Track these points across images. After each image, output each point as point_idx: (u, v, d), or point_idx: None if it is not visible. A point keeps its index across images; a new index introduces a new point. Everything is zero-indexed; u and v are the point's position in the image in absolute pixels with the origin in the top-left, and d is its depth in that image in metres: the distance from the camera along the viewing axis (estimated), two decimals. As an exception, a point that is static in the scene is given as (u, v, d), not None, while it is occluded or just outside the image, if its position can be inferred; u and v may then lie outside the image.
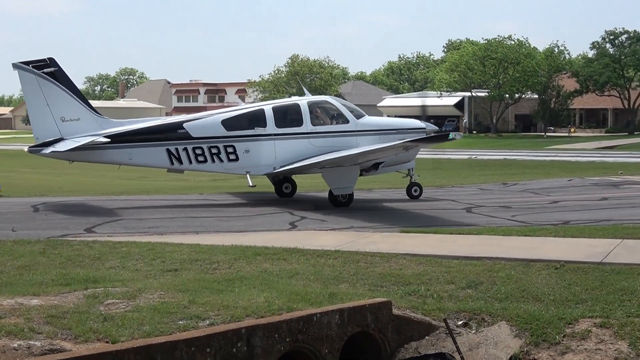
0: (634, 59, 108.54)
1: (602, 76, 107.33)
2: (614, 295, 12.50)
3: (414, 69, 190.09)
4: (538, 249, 16.02)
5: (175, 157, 25.58)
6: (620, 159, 52.68)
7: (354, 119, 26.97)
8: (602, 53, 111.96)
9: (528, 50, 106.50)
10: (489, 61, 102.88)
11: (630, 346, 10.93)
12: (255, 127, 26.22)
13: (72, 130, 25.01)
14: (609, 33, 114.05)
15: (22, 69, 24.93)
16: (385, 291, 12.89)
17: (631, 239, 17.03)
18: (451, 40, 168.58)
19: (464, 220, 21.45)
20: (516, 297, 12.61)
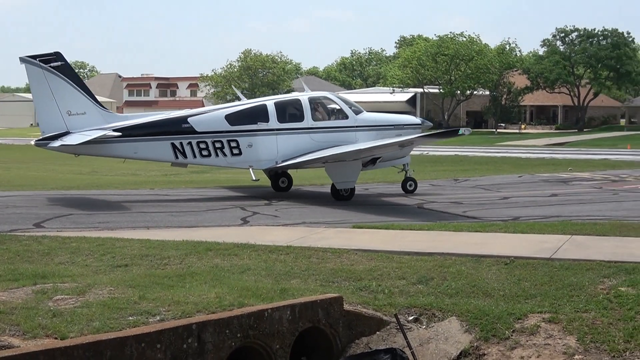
0: (583, 57, 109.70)
1: (553, 73, 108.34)
2: (562, 291, 12.63)
3: (366, 64, 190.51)
4: (488, 245, 16.13)
5: (179, 151, 25.96)
6: (570, 156, 53.21)
7: (353, 115, 27.53)
8: (552, 50, 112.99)
9: (480, 47, 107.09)
10: (441, 58, 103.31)
11: (579, 341, 11.05)
12: (258, 122, 26.68)
13: (78, 124, 25.22)
14: (560, 31, 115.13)
15: (29, 63, 25.07)
16: (336, 287, 12.91)
17: (580, 235, 17.22)
18: (403, 36, 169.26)
19: (416, 216, 21.56)
20: (466, 293, 12.70)
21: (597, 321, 11.46)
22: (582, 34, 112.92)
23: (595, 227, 18.24)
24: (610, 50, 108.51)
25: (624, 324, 11.34)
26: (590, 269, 13.76)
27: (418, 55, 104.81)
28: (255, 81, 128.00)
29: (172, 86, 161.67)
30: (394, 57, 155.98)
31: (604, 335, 11.11)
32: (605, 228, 18.15)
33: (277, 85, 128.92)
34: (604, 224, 19.04)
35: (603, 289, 12.73)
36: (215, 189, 29.00)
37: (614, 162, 47.06)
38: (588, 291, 12.59)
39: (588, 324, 11.39)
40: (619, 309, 11.82)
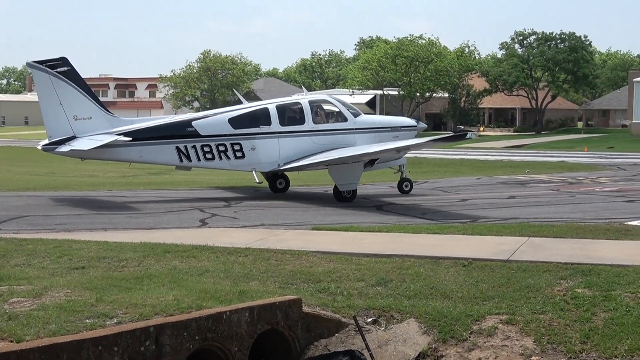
0: (541, 60, 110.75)
1: (511, 76, 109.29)
2: (520, 292, 12.71)
3: (326, 66, 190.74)
4: (447, 247, 16.20)
5: (184, 154, 26.28)
6: (528, 158, 53.67)
7: (352, 117, 28.07)
8: (511, 53, 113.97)
9: (439, 49, 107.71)
10: (400, 60, 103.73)
11: (535, 342, 11.13)
12: (261, 125, 27.08)
13: (85, 128, 25.47)
14: (518, 34, 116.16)
15: (36, 68, 25.32)
16: (295, 289, 12.88)
17: (537, 236, 17.35)
18: (363, 38, 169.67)
19: (375, 218, 21.61)
20: (425, 295, 12.73)
21: (554, 322, 11.55)
22: (540, 37, 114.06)
23: (552, 229, 18.38)
24: (568, 54, 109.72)
25: (581, 325, 11.44)
26: (548, 271, 13.86)
27: (378, 57, 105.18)
28: (214, 82, 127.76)
29: (130, 87, 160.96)
30: (353, 59, 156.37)
31: (561, 336, 11.19)
32: (562, 230, 18.31)
33: (237, 87, 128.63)
34: (561, 226, 19.21)
35: (560, 290, 12.83)
36: (174, 191, 28.87)
37: (571, 164, 47.50)
38: (545, 293, 12.68)
39: (545, 325, 11.47)
40: (575, 311, 11.92)
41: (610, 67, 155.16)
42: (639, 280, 13.06)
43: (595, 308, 11.95)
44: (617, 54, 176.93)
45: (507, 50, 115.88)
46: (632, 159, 54.78)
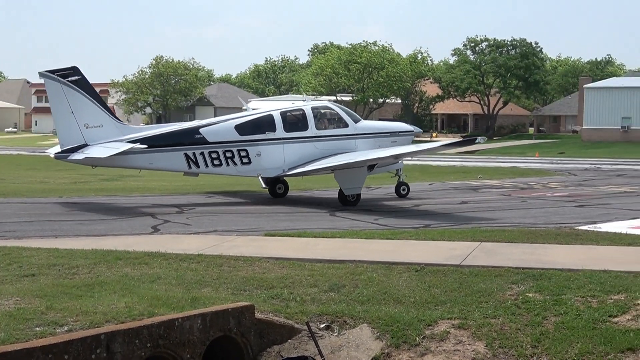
0: (493, 66, 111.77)
1: (464, 82, 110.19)
2: (471, 297, 12.79)
3: (280, 72, 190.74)
4: (399, 252, 16.26)
5: (192, 161, 26.65)
6: (480, 164, 54.06)
7: (353, 123, 28.79)
8: (463, 60, 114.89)
9: (392, 56, 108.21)
10: (353, 66, 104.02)
11: (487, 347, 11.20)
12: (266, 132, 27.59)
13: (95, 136, 25.78)
14: (470, 40, 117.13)
15: (48, 78, 25.58)
16: (248, 295, 12.85)
17: (489, 241, 17.48)
18: (317, 44, 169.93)
19: (328, 224, 21.62)
20: (378, 300, 12.76)
21: (506, 327, 11.63)
22: (492, 44, 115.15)
23: (504, 234, 18.54)
24: (519, 60, 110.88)
25: (532, 329, 11.53)
26: (499, 276, 13.97)
27: (331, 63, 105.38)
28: (167, 88, 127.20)
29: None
30: (307, 64, 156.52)
31: (512, 340, 11.27)
32: (513, 235, 18.47)
33: (190, 92, 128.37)
34: (512, 230, 19.37)
35: (511, 295, 12.93)
36: (125, 197, 28.62)
37: (522, 169, 47.96)
38: (497, 297, 12.77)
39: (496, 330, 11.55)
40: (526, 315, 12.01)
41: (561, 74, 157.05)
42: (589, 285, 13.21)
43: (546, 312, 12.06)
44: (568, 60, 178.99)
45: (459, 57, 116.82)
46: (582, 164, 55.45)
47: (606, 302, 12.41)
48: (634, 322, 11.66)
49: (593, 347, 10.90)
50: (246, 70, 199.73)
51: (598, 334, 11.25)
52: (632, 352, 10.81)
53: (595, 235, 18.63)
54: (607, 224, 20.99)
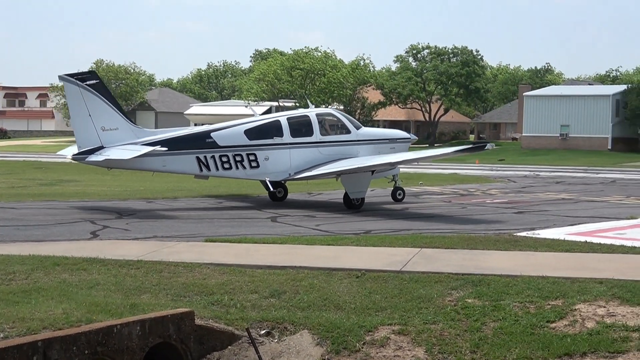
0: (434, 74, 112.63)
1: (405, 89, 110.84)
2: (412, 303, 12.85)
3: (222, 77, 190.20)
4: (340, 258, 16.29)
5: (204, 164, 27.47)
6: (421, 170, 54.27)
7: (355, 130, 29.86)
8: (405, 67, 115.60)
9: (334, 62, 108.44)
10: (296, 72, 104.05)
11: (427, 352, 11.26)
12: (274, 137, 28.49)
13: (112, 139, 26.51)
14: (412, 47, 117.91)
15: (67, 81, 26.38)
16: (188, 301, 12.77)
17: (429, 247, 17.58)
18: (259, 50, 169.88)
19: (269, 230, 21.59)
20: (318, 306, 12.76)
21: (445, 332, 11.71)
22: (434, 51, 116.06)
23: (444, 240, 18.66)
24: (460, 68, 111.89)
25: (471, 335, 11.62)
26: (439, 282, 14.06)
27: (273, 69, 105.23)
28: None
29: (20, 96, 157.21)
30: (249, 70, 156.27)
31: (452, 346, 11.35)
32: (453, 241, 18.60)
33: (130, 97, 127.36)
34: (452, 237, 19.51)
35: (451, 300, 13.02)
36: (64, 202, 28.29)
37: (462, 176, 48.31)
38: (436, 303, 12.85)
39: (436, 335, 11.61)
40: (466, 320, 12.11)
41: (501, 82, 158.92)
42: (527, 290, 13.35)
43: (485, 318, 12.16)
44: (507, 68, 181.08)
45: (401, 64, 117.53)
46: (521, 171, 56.08)
47: (544, 307, 12.56)
48: (571, 328, 11.82)
49: (531, 353, 11.02)
50: (188, 75, 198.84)
51: (536, 340, 11.38)
52: (569, 357, 10.95)
53: (534, 242, 18.84)
54: (545, 231, 21.24)
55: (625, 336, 11.42)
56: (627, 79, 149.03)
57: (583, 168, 61.63)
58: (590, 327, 11.81)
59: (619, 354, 11.01)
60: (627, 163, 71.05)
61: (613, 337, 11.39)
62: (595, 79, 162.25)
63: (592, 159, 73.28)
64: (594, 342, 11.26)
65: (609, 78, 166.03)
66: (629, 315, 12.16)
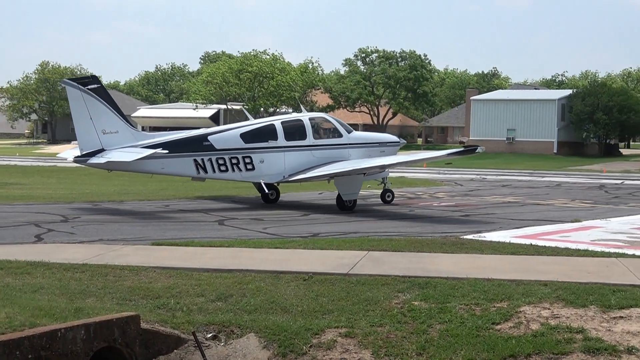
0: (383, 77, 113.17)
1: (354, 93, 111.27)
2: (358, 306, 12.87)
3: (170, 79, 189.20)
4: (288, 261, 16.27)
5: (201, 166, 28.18)
6: (369, 173, 54.46)
7: (346, 133, 30.74)
8: (353, 70, 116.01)
9: (283, 65, 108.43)
10: (244, 75, 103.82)
11: (373, 355, 11.27)
12: (269, 140, 29.31)
13: (112, 141, 27.13)
14: (361, 51, 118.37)
15: (70, 85, 27.08)
16: (134, 305, 12.67)
17: (376, 250, 17.63)
18: (208, 52, 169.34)
19: (216, 233, 21.50)
20: (265, 309, 12.73)
21: (392, 335, 11.73)
22: (382, 55, 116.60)
23: (391, 243, 18.73)
24: (408, 72, 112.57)
25: (417, 337, 11.66)
26: (386, 284, 14.10)
27: (222, 71, 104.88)
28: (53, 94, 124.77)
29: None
30: (198, 72, 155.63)
31: (398, 348, 11.37)
32: (400, 244, 18.67)
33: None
34: (399, 239, 19.59)
35: (397, 303, 13.06)
36: (8, 206, 27.92)
37: (410, 179, 48.52)
38: (383, 306, 12.88)
39: (383, 338, 11.63)
40: (412, 323, 12.15)
41: (449, 86, 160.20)
42: (473, 293, 13.44)
43: (431, 320, 12.21)
44: (455, 72, 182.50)
45: (350, 67, 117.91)
46: (468, 174, 56.48)
47: (489, 309, 12.65)
48: (516, 329, 11.91)
49: (476, 354, 11.08)
50: (135, 77, 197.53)
51: (481, 341, 11.45)
52: (513, 358, 11.03)
53: (480, 245, 18.99)
54: (491, 234, 21.42)
55: (569, 338, 11.53)
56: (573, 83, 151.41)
57: (529, 171, 62.26)
58: (534, 328, 11.92)
59: (563, 356, 11.12)
60: (572, 167, 71.93)
61: (557, 339, 11.50)
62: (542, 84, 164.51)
63: (538, 163, 74.08)
64: (539, 343, 11.36)
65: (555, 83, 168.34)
66: (572, 317, 12.30)
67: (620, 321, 12.17)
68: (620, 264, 16.31)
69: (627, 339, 11.55)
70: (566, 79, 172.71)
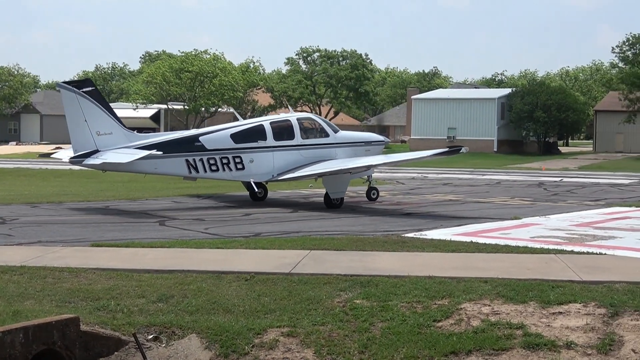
0: (324, 77, 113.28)
1: (296, 92, 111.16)
2: (301, 305, 12.86)
3: (110, 79, 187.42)
4: (229, 261, 16.21)
5: (193, 166, 28.84)
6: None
7: (333, 133, 31.69)
8: (295, 70, 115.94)
9: (224, 64, 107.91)
10: (185, 74, 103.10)
11: (316, 354, 11.27)
12: (258, 140, 30.08)
13: (106, 143, 27.73)
14: (303, 50, 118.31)
15: (65, 88, 27.69)
16: (73, 307, 12.52)
17: (318, 249, 17.65)
18: (148, 52, 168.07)
19: (157, 234, 21.34)
20: (207, 310, 12.66)
21: (334, 334, 11.74)
22: (324, 54, 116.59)
23: (333, 242, 18.77)
24: (350, 71, 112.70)
25: (359, 336, 11.68)
26: (328, 283, 14.12)
27: (162, 71, 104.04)
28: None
29: None
30: (138, 72, 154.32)
31: (340, 347, 11.39)
32: (342, 243, 18.72)
33: (14, 99, 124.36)
34: (341, 238, 19.64)
35: (339, 302, 13.08)
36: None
37: (352, 179, 48.53)
38: (325, 304, 12.89)
39: (325, 337, 11.64)
40: (354, 321, 12.17)
41: (390, 85, 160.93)
42: (414, 291, 13.51)
43: (373, 318, 12.25)
44: (396, 71, 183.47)
45: (291, 67, 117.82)
46: (410, 173, 56.75)
47: (431, 307, 12.72)
48: (457, 326, 12.00)
49: (418, 352, 11.14)
50: (75, 77, 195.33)
51: (423, 339, 11.51)
52: (455, 355, 11.11)
53: (421, 243, 19.11)
54: (432, 232, 21.55)
55: (509, 334, 11.65)
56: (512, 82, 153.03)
57: (469, 170, 62.79)
58: (475, 325, 12.02)
59: (503, 352, 11.23)
60: (511, 165, 72.66)
61: (497, 335, 11.61)
62: (482, 83, 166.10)
63: (478, 161, 74.66)
64: (479, 340, 11.46)
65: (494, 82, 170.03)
66: (512, 313, 12.42)
67: (559, 317, 12.32)
68: (559, 260, 16.52)
69: (566, 334, 11.70)
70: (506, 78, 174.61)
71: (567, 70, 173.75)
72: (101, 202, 30.47)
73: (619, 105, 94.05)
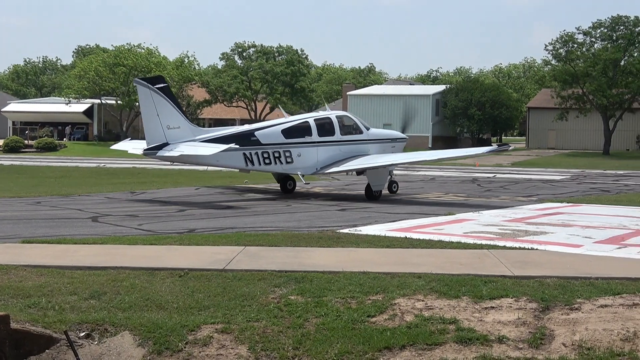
0: (260, 72, 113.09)
1: (231, 87, 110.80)
2: (235, 301, 12.81)
3: (41, 73, 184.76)
4: (163, 258, 16.09)
5: (249, 159, 31.02)
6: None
7: (366, 130, 33.98)
8: (231, 65, 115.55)
9: (158, 59, 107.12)
10: (119, 69, 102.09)
11: (250, 350, 11.23)
12: (305, 136, 32.36)
13: (175, 136, 29.71)
14: (238, 46, 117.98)
15: (140, 84, 29.81)
16: (3, 305, 12.31)
17: (253, 245, 17.62)
18: (81, 46, 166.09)
19: (90, 230, 21.10)
20: (140, 307, 12.54)
21: (268, 330, 11.71)
22: (260, 50, 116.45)
23: (268, 238, 18.75)
24: (285, 67, 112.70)
25: (293, 332, 11.67)
26: (262, 279, 14.09)
27: (95, 65, 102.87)
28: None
29: None
30: (71, 66, 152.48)
31: (274, 343, 11.35)
32: (277, 239, 18.72)
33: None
34: (276, 234, 19.63)
35: (274, 298, 13.06)
36: None
37: (287, 174, 48.55)
38: (260, 301, 12.86)
39: (259, 333, 11.60)
40: (288, 317, 12.15)
41: (326, 81, 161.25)
42: (349, 286, 13.55)
43: (308, 314, 12.24)
44: (332, 67, 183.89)
45: (227, 62, 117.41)
46: (345, 169, 56.86)
47: (365, 302, 12.76)
48: (391, 322, 12.05)
49: (352, 347, 11.16)
50: (5, 71, 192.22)
51: (357, 334, 11.53)
52: (388, 350, 11.15)
53: (356, 238, 19.18)
54: (367, 227, 21.65)
55: (442, 328, 11.73)
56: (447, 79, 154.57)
57: (404, 165, 63.12)
58: (409, 320, 12.08)
59: (437, 346, 11.30)
60: (445, 161, 73.26)
61: (431, 330, 11.67)
62: (417, 79, 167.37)
63: (413, 157, 75.13)
64: (413, 335, 11.51)
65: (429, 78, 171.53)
66: (445, 308, 12.52)
67: (491, 311, 12.45)
68: (491, 255, 16.71)
69: (498, 328, 11.82)
70: (441, 75, 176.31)
71: (500, 67, 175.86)
72: (33, 197, 30.06)
73: (551, 103, 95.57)
